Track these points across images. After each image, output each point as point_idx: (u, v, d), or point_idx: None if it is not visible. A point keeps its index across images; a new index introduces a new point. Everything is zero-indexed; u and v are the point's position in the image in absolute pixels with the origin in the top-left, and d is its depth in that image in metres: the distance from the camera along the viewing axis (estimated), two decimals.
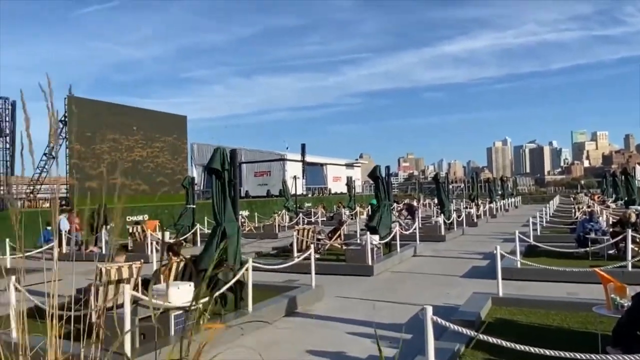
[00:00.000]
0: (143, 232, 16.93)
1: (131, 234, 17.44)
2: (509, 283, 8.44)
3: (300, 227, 14.75)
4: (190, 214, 17.86)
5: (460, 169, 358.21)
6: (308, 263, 9.04)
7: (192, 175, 35.27)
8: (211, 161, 7.30)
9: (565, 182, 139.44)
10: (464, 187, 57.96)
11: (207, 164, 7.42)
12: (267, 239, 19.64)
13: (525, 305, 7.25)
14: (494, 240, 15.84)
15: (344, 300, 8.65)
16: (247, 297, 7.16)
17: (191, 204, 17.97)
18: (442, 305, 7.59)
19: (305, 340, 6.39)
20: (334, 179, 58.95)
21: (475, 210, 25.43)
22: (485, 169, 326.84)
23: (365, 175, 25.18)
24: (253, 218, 26.27)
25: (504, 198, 36.71)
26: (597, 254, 11.21)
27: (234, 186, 7.45)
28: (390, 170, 15.08)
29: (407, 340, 6.20)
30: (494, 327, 6.36)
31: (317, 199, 43.01)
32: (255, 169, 51.50)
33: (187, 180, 18.94)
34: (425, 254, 14.20)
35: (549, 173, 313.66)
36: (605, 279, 5.26)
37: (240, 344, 6.29)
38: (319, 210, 29.47)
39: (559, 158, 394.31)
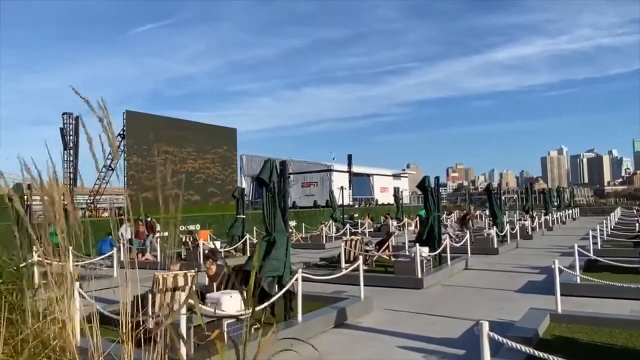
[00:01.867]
0: (195, 242, 17.44)
1: (184, 243, 18.00)
2: (568, 299, 8.05)
3: (347, 237, 14.72)
4: (240, 224, 18.23)
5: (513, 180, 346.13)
6: (356, 274, 8.99)
7: (241, 186, 36.06)
8: (262, 172, 7.45)
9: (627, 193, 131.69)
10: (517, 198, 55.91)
11: (258, 175, 7.58)
12: (315, 250, 19.72)
13: (586, 322, 6.88)
14: (551, 254, 15.18)
15: (393, 313, 8.53)
16: (296, 307, 7.20)
17: (241, 214, 18.35)
18: (497, 320, 7.33)
19: (355, 353, 6.35)
20: (381, 190, 58.54)
21: (530, 222, 24.45)
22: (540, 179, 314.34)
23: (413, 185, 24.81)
24: (300, 228, 26.47)
25: (560, 210, 35.08)
26: None
27: (284, 197, 7.56)
28: (439, 180, 14.80)
29: (460, 356, 6.04)
30: (553, 344, 6.08)
31: (363, 209, 42.79)
32: (302, 179, 51.99)
33: (238, 190, 19.37)
34: (477, 267, 13.78)
35: (609, 183, 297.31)
36: None
37: (290, 355, 6.35)
38: (366, 221, 29.30)
39: (620, 168, 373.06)
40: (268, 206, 7.51)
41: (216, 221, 25.15)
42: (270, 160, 7.58)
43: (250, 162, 52.50)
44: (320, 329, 7.29)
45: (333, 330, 7.47)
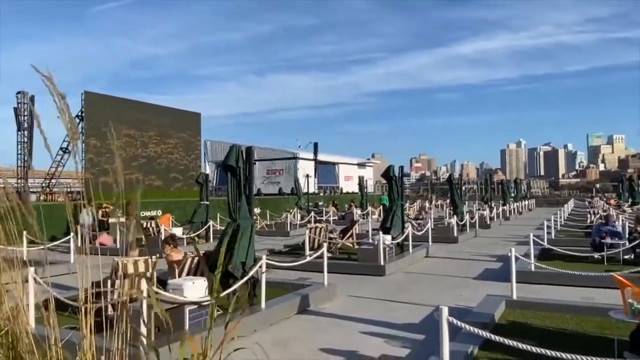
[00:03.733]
0: (157, 227, 17.11)
1: (145, 229, 17.61)
2: (523, 286, 8.38)
3: (312, 225, 14.77)
4: (204, 210, 18.00)
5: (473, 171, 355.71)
6: (320, 261, 9.06)
7: (205, 172, 35.49)
8: (227, 158, 7.35)
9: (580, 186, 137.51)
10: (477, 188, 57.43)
11: (223, 161, 7.47)
12: (279, 237, 19.71)
13: (540, 308, 7.19)
14: (508, 242, 15.72)
15: (356, 300, 8.65)
16: (260, 294, 7.20)
17: (205, 201, 18.10)
18: (455, 306, 7.55)
19: (317, 338, 6.41)
20: (346, 178, 58.89)
21: (489, 212, 25.22)
22: (499, 171, 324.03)
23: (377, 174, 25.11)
24: (265, 216, 26.37)
25: (517, 200, 36.32)
26: (613, 258, 11.07)
27: (249, 184, 7.49)
28: (403, 170, 15.03)
29: (420, 340, 6.20)
30: (508, 329, 6.32)
31: (328, 197, 43.00)
32: (267, 167, 51.66)
33: (202, 176, 19.09)
34: (438, 255, 14.13)
35: (564, 176, 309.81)
36: (623, 284, 5.18)
37: (253, 341, 6.35)
38: (330, 209, 29.47)
39: (574, 161, 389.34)
40: (233, 192, 7.43)
41: (178, 207, 24.68)
42: (236, 146, 7.48)
43: (215, 148, 51.68)
44: (283, 315, 7.31)
45: (296, 316, 7.51)
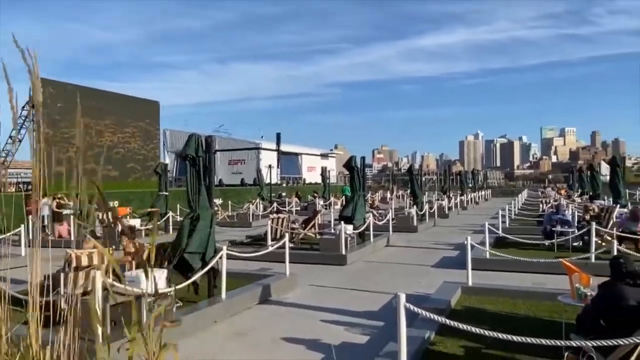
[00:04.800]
0: (114, 219, 16.62)
1: (101, 220, 17.06)
2: (478, 273, 8.64)
3: (274, 216, 14.72)
4: (162, 201, 17.61)
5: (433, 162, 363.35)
6: (282, 252, 9.06)
7: (164, 161, 34.67)
8: (186, 147, 7.21)
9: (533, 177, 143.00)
10: (436, 179, 58.77)
11: (182, 150, 7.32)
12: (241, 228, 19.55)
13: (494, 294, 7.46)
14: (465, 231, 16.18)
15: (317, 289, 8.71)
16: (220, 285, 7.13)
17: (164, 191, 17.72)
18: (414, 293, 7.72)
19: (278, 328, 6.42)
20: (309, 169, 58.97)
21: (447, 202, 25.87)
22: (457, 162, 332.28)
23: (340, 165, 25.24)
24: (227, 207, 26.08)
25: (474, 191, 37.44)
26: (563, 245, 11.59)
27: (209, 173, 7.38)
28: (365, 161, 15.17)
29: (379, 327, 6.31)
30: (463, 314, 6.53)
31: (291, 188, 42.96)
32: (229, 157, 51.02)
33: (160, 166, 18.65)
34: (398, 244, 14.40)
35: (518, 167, 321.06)
36: (570, 270, 5.44)
37: (213, 332, 6.30)
38: (293, 200, 29.45)
39: (528, 153, 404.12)
40: (192, 182, 7.29)
41: (136, 198, 24.04)
42: (195, 134, 7.34)
43: (175, 138, 50.49)
44: (244, 305, 7.28)
45: (257, 306, 7.49)
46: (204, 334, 6.15)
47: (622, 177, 17.58)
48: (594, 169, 22.71)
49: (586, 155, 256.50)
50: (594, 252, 9.34)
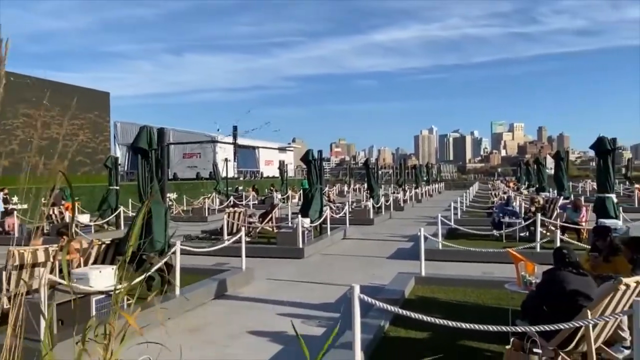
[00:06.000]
0: (61, 215, 15.95)
1: (47, 216, 16.32)
2: (431, 263, 8.90)
3: (230, 210, 14.55)
4: (113, 196, 17.03)
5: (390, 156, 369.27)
6: (238, 246, 8.98)
7: (115, 155, 33.49)
8: (137, 140, 6.98)
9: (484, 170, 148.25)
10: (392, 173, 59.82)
11: (133, 143, 7.09)
12: (197, 222, 19.21)
13: (445, 283, 7.70)
14: (419, 223, 16.56)
15: (274, 283, 8.70)
16: (174, 281, 6.98)
17: (114, 186, 17.14)
18: (369, 285, 7.86)
19: (234, 322, 6.37)
20: (267, 163, 58.58)
21: (402, 195, 26.40)
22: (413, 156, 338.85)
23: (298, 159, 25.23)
24: (182, 201, 25.53)
25: (428, 184, 38.40)
26: (510, 236, 12.10)
27: (161, 167, 7.18)
28: (322, 154, 15.23)
29: (335, 318, 6.38)
30: (416, 304, 6.71)
31: (248, 182, 42.57)
32: (184, 150, 49.87)
33: (110, 160, 18.00)
34: (355, 237, 14.57)
35: (470, 161, 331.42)
36: (516, 259, 5.69)
37: (167, 329, 6.16)
38: (250, 194, 29.20)
39: (480, 147, 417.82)
40: (144, 176, 7.09)
41: (85, 193, 23.12)
42: (146, 126, 7.12)
43: (126, 130, 48.79)
44: (199, 301, 7.17)
45: (213, 301, 7.40)
46: (157, 332, 6.00)
47: (565, 171, 18.50)
48: (540, 162, 23.77)
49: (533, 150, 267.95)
50: (539, 242, 9.81)
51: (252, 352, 5.38)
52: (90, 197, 21.93)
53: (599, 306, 3.88)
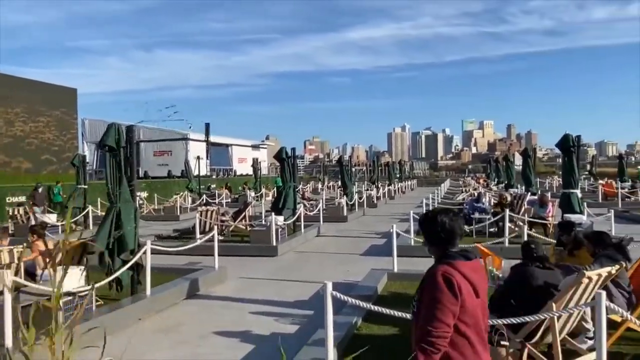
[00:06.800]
0: (26, 215, 15.46)
1: (12, 216, 15.84)
2: (404, 259, 8.99)
3: (203, 208, 14.39)
4: (81, 195, 16.62)
5: (363, 153, 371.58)
6: (211, 245, 8.89)
7: (83, 153, 32.63)
8: (105, 137, 6.82)
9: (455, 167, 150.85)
10: (366, 170, 60.23)
11: (101, 140, 6.91)
12: (168, 221, 18.91)
13: (417, 279, 7.66)
14: (392, 220, 16.73)
15: (247, 281, 8.65)
16: (145, 281, 6.87)
17: (82, 184, 16.72)
18: (343, 282, 7.90)
19: (206, 322, 6.30)
20: (240, 160, 58.12)
21: (376, 192, 26.61)
22: (386, 153, 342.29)
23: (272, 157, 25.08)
24: (152, 199, 25.09)
25: (401, 181, 38.84)
26: (480, 231, 12.35)
27: (130, 165, 7.04)
28: (296, 152, 15.20)
29: (309, 316, 6.39)
30: (389, 299, 6.78)
31: (221, 180, 42.14)
32: (155, 148, 48.99)
33: (78, 158, 17.54)
34: (329, 234, 14.62)
35: (442, 158, 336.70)
36: (484, 254, 5.82)
37: (138, 329, 6.06)
38: (223, 192, 28.92)
39: (451, 144, 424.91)
40: (113, 175, 6.92)
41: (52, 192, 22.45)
42: (114, 124, 6.96)
43: (94, 127, 47.57)
44: (170, 301, 7.07)
45: (185, 301, 7.31)
46: (128, 332, 5.90)
47: (533, 167, 19.01)
48: (509, 159, 24.33)
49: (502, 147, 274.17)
50: (508, 237, 10.05)
51: (225, 351, 5.34)
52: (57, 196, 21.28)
53: (564, 299, 4.01)
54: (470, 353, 2.25)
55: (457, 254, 2.36)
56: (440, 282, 2.22)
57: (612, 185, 24.17)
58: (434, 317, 2.18)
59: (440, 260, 2.37)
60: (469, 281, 2.25)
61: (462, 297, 2.20)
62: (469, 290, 2.23)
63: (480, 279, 2.34)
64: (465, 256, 2.35)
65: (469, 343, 2.25)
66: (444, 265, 2.31)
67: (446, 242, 2.41)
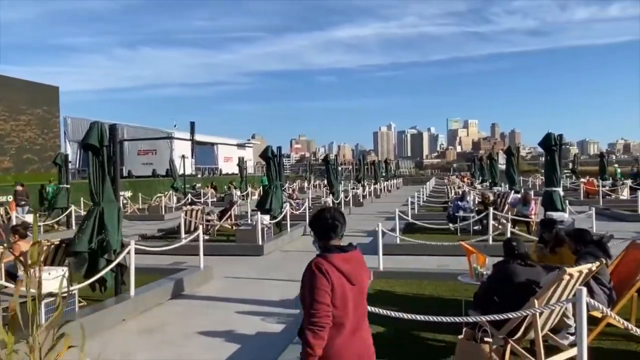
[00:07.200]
0: (7, 215, 15.18)
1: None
2: (389, 258, 9.05)
3: (188, 207, 14.29)
4: (64, 195, 16.38)
5: (349, 152, 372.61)
6: (196, 244, 8.84)
7: (65, 152, 32.13)
8: (87, 137, 6.73)
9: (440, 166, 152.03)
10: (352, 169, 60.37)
11: (83, 140, 6.82)
12: (153, 221, 18.73)
13: (402, 277, 7.86)
14: (378, 218, 16.77)
15: (233, 281, 8.61)
16: (129, 281, 6.80)
17: (65, 184, 16.48)
18: None
19: (191, 322, 6.26)
20: (225, 159, 57.80)
21: (362, 190, 26.70)
22: (372, 152, 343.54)
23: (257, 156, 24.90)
24: (137, 199, 24.83)
25: (387, 179, 39.00)
26: (465, 229, 12.47)
27: (114, 164, 6.95)
28: (282, 151, 15.16)
29: (295, 315, 6.39)
30: (374, 298, 6.79)
31: (207, 179, 41.88)
32: (139, 147, 48.44)
33: (60, 157, 17.29)
34: None
35: (427, 157, 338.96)
36: (469, 251, 5.87)
37: (122, 330, 6.00)
38: (209, 191, 28.75)
39: (436, 143, 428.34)
40: (96, 174, 6.83)
41: (34, 192, 22.08)
42: (97, 123, 6.86)
43: (77, 126, 46.87)
44: (155, 301, 7.01)
45: (170, 301, 7.25)
46: (112, 333, 5.84)
47: (516, 166, 19.25)
48: (493, 158, 24.63)
49: (487, 146, 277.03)
50: (492, 235, 10.17)
51: (210, 351, 5.31)
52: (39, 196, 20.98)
53: (545, 295, 4.07)
54: (339, 333, 2.56)
55: (335, 247, 2.71)
56: (313, 270, 2.58)
57: (593, 183, 24.57)
58: (314, 300, 2.50)
59: (318, 254, 2.71)
60: (339, 270, 2.59)
61: (332, 282, 2.53)
62: (339, 277, 2.57)
63: (354, 269, 2.66)
64: (341, 249, 2.70)
65: (339, 323, 2.56)
66: (317, 258, 2.67)
67: (328, 235, 2.77)
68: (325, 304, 2.50)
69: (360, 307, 2.69)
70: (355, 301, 2.64)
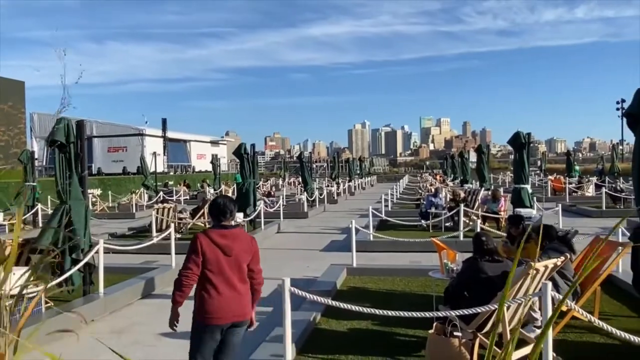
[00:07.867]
0: None
1: None
2: (363, 254, 9.11)
3: (160, 205, 14.06)
4: (30, 193, 15.88)
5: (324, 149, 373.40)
6: (168, 243, 8.71)
7: (31, 148, 31.15)
8: (54, 133, 6.54)
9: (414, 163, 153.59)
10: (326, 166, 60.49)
11: (49, 136, 6.63)
12: (124, 219, 18.36)
13: (375, 273, 7.92)
14: (352, 215, 16.90)
15: None
16: (97, 281, 6.65)
17: (31, 182, 15.98)
18: (303, 278, 7.91)
19: (161, 322, 6.11)
20: (198, 157, 57.19)
21: (336, 188, 26.79)
22: (346, 150, 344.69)
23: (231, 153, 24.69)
24: (107, 197, 24.29)
25: (362, 177, 39.23)
26: (437, 226, 12.66)
27: (81, 161, 6.78)
28: (255, 148, 15.07)
29: (268, 313, 6.37)
30: (348, 294, 6.85)
31: (179, 176, 41.30)
32: (109, 144, 47.41)
33: (26, 154, 16.74)
34: (289, 230, 14.60)
35: (401, 154, 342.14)
36: (440, 247, 5.97)
37: (90, 331, 5.86)
38: (181, 189, 28.36)
39: (410, 141, 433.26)
40: (62, 171, 6.65)
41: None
42: (64, 118, 6.68)
43: (44, 122, 45.55)
44: (125, 301, 6.88)
45: (140, 301, 7.13)
46: (80, 334, 5.69)
47: (487, 163, 19.60)
48: (464, 156, 25.02)
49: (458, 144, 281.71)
50: (462, 231, 10.35)
51: (181, 351, 5.22)
52: (4, 195, 20.28)
53: (512, 290, 4.17)
54: (215, 293, 3.37)
55: (220, 226, 3.46)
56: (191, 242, 3.39)
57: (560, 180, 25.29)
58: (184, 264, 3.37)
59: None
60: (214, 242, 3.34)
61: (204, 252, 3.31)
62: (214, 249, 3.33)
63: (230, 242, 3.38)
64: (223, 226, 3.46)
65: (214, 285, 3.35)
66: (199, 233, 3.43)
67: (218, 216, 3.47)
68: (190, 268, 3.32)
69: (237, 273, 3.43)
70: (231, 268, 3.38)
